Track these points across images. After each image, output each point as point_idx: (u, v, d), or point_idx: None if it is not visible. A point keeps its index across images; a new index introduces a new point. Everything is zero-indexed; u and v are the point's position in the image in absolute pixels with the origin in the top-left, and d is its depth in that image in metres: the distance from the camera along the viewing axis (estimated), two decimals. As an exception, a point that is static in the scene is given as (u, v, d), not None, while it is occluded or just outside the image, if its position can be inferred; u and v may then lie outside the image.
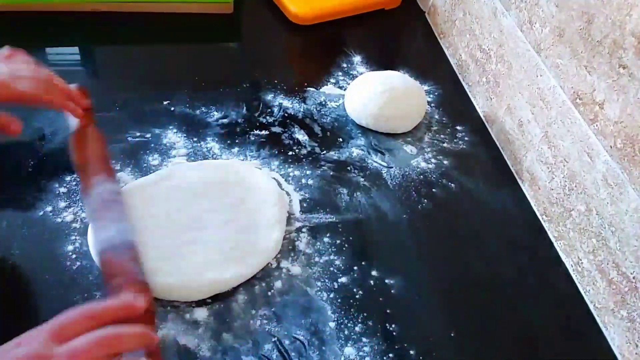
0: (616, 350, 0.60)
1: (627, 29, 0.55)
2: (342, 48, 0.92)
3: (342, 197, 0.69)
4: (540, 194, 0.72)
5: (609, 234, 0.60)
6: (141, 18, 0.89)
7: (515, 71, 0.76)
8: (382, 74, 0.81)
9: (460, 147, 0.78)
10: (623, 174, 0.58)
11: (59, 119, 0.71)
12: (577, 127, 0.64)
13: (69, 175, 0.65)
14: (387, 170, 0.74)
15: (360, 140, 0.77)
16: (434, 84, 0.88)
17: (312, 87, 0.84)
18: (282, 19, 0.95)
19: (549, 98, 0.69)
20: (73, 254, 0.58)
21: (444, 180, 0.73)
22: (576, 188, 0.65)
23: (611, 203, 0.60)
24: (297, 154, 0.73)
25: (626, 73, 0.56)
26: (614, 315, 0.61)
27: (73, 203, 0.62)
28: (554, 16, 0.67)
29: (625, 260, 0.58)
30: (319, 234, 0.65)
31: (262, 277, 0.60)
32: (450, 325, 0.59)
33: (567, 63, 0.65)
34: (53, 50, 0.84)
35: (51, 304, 0.54)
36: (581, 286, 0.66)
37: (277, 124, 0.77)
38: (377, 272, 0.62)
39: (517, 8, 0.74)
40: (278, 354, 0.54)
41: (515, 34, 0.75)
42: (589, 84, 0.62)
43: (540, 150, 0.71)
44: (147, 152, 0.70)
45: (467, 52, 0.89)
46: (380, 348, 0.56)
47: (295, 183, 0.70)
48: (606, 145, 0.60)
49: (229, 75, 0.84)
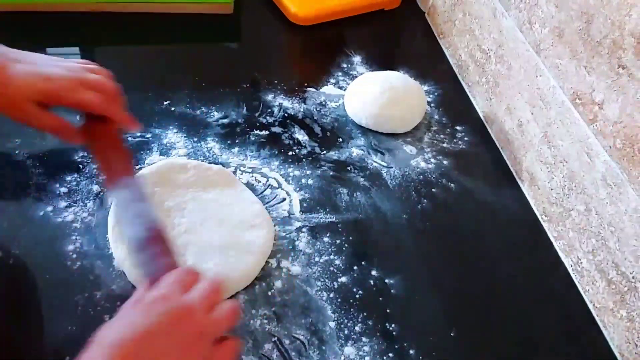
0: (615, 350, 0.61)
1: (627, 29, 0.55)
2: (342, 48, 0.92)
3: (342, 197, 0.69)
4: (539, 194, 0.72)
5: (609, 233, 0.60)
6: (141, 18, 0.89)
7: (515, 71, 0.76)
8: (382, 74, 0.81)
9: (460, 147, 0.79)
10: (622, 174, 0.58)
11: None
12: (577, 127, 0.64)
13: (69, 175, 0.65)
14: (387, 170, 0.74)
15: (360, 140, 0.77)
16: (433, 84, 0.88)
17: (312, 87, 0.84)
18: (282, 19, 0.95)
19: (549, 98, 0.69)
20: (73, 254, 0.58)
21: (443, 180, 0.73)
22: (575, 188, 0.65)
23: (610, 203, 0.60)
24: (297, 154, 0.73)
25: (625, 73, 0.56)
26: (613, 315, 0.61)
27: (73, 203, 0.63)
28: (553, 16, 0.67)
29: (625, 260, 0.58)
30: (319, 234, 0.65)
31: (262, 276, 0.60)
32: (450, 325, 0.59)
33: (567, 63, 0.65)
34: (53, 50, 0.84)
35: (51, 304, 0.54)
36: (580, 286, 0.66)
37: (277, 124, 0.77)
38: (377, 272, 0.62)
39: (517, 8, 0.75)
40: (278, 353, 0.54)
41: (514, 34, 0.75)
42: (589, 84, 0.62)
43: (539, 151, 0.71)
44: (147, 152, 0.70)
45: (466, 52, 0.89)
46: (380, 348, 0.56)
47: (295, 183, 0.70)
48: (605, 146, 0.60)
49: (229, 75, 0.84)
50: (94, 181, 0.65)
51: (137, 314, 0.41)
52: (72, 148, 0.68)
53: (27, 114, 0.54)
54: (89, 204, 0.63)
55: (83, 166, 0.66)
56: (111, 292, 0.56)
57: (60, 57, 0.59)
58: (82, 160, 0.67)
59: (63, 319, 0.53)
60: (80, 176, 0.65)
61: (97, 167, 0.63)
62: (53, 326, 0.53)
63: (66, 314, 0.54)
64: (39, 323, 0.54)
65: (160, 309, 0.41)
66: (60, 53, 0.85)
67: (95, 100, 0.56)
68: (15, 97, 0.53)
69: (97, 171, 0.63)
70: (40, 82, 0.54)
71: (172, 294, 0.43)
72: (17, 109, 0.54)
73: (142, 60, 0.85)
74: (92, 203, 0.63)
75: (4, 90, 0.53)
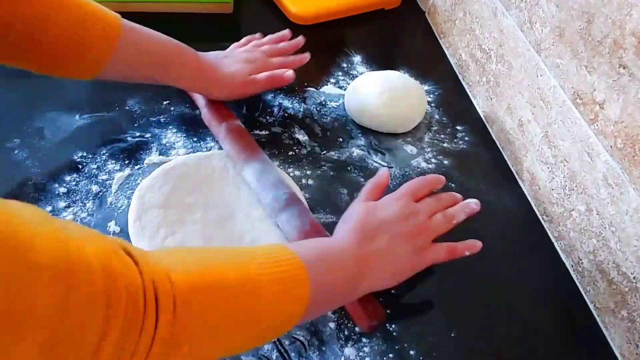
0: (616, 350, 0.60)
1: (628, 29, 0.55)
2: (342, 48, 0.91)
3: (342, 197, 0.69)
4: (540, 193, 0.72)
5: (610, 234, 0.60)
6: (141, 18, 0.89)
7: (516, 71, 0.76)
8: (382, 74, 0.80)
9: (461, 147, 0.78)
10: (623, 174, 0.58)
11: (59, 118, 0.71)
12: (578, 127, 0.64)
13: (69, 175, 0.65)
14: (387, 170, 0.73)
15: (360, 140, 0.77)
16: (434, 84, 0.88)
17: (312, 87, 0.84)
18: (282, 19, 0.95)
19: (549, 98, 0.69)
20: (73, 254, 0.58)
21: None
22: (576, 188, 0.65)
23: (611, 203, 0.60)
24: (297, 154, 0.73)
25: (626, 73, 0.56)
26: (614, 315, 0.60)
27: (73, 203, 0.62)
28: (554, 16, 0.67)
29: (626, 260, 0.58)
30: (319, 234, 0.64)
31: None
32: (450, 325, 0.59)
33: (567, 63, 0.65)
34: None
35: (51, 304, 0.54)
36: (581, 286, 0.66)
37: (277, 124, 0.77)
38: (377, 272, 0.62)
39: (518, 8, 0.74)
40: (278, 354, 0.54)
41: (515, 33, 0.75)
42: (589, 84, 0.61)
43: (540, 150, 0.71)
44: (146, 152, 0.69)
45: (467, 52, 0.89)
46: (381, 348, 0.56)
47: (295, 183, 0.69)
48: (606, 145, 0.60)
49: (229, 75, 0.84)
50: (93, 181, 0.65)
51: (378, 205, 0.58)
52: (72, 148, 0.68)
53: (246, 90, 0.74)
54: (88, 204, 0.63)
55: (82, 166, 0.66)
56: (110, 292, 0.56)
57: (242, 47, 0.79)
58: (82, 161, 0.67)
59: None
60: (80, 176, 0.65)
61: (227, 142, 0.69)
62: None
63: (65, 314, 0.53)
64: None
65: (399, 203, 0.57)
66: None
67: (266, 86, 0.76)
68: (235, 86, 0.73)
69: (228, 146, 0.69)
70: (244, 67, 0.74)
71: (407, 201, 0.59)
72: (239, 92, 0.74)
73: (142, 60, 0.85)
74: (92, 203, 0.63)
75: (225, 84, 0.72)
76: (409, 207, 0.57)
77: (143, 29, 0.64)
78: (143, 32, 0.64)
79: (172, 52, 0.67)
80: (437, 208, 0.59)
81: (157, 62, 0.66)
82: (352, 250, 0.52)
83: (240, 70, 0.73)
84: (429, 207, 0.59)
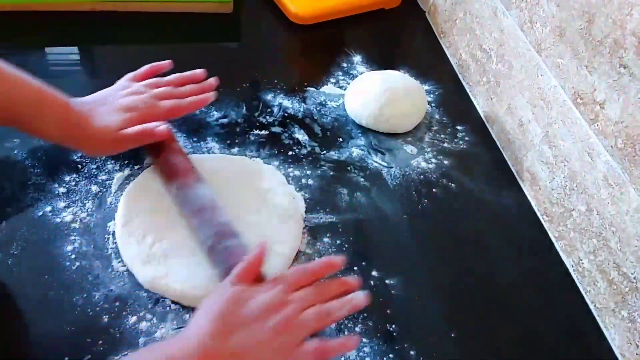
0: (617, 350, 0.60)
1: (628, 29, 0.55)
2: (342, 48, 0.91)
3: (342, 197, 0.69)
4: (540, 194, 0.72)
5: (610, 234, 0.60)
6: (141, 18, 0.89)
7: (516, 71, 0.76)
8: (382, 74, 0.80)
9: (461, 147, 0.78)
10: (624, 174, 0.57)
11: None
12: (578, 127, 0.64)
13: (69, 175, 0.65)
14: (387, 170, 0.73)
15: (360, 140, 0.77)
16: (434, 84, 0.88)
17: (312, 87, 0.83)
18: (282, 19, 0.95)
19: (550, 98, 0.69)
20: (72, 254, 0.58)
21: (444, 180, 0.73)
22: (577, 188, 0.65)
23: (612, 203, 0.59)
24: (297, 154, 0.73)
25: (627, 73, 0.56)
26: (614, 315, 0.60)
27: (72, 203, 0.62)
28: (554, 16, 0.67)
29: (626, 260, 0.58)
30: (319, 234, 0.64)
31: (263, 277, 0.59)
32: (450, 325, 0.59)
33: (568, 63, 0.65)
34: (52, 50, 0.84)
35: (51, 304, 0.54)
36: (582, 286, 0.65)
37: (277, 124, 0.77)
38: (377, 272, 0.62)
39: (518, 8, 0.74)
40: (278, 354, 0.54)
41: (515, 33, 0.75)
42: (590, 84, 0.61)
43: (540, 150, 0.71)
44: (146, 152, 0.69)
45: (467, 51, 0.89)
46: (381, 349, 0.56)
47: (295, 183, 0.69)
48: (607, 145, 0.60)
49: (229, 75, 0.83)
50: (92, 181, 0.65)
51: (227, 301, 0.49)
52: (71, 148, 0.68)
53: (116, 148, 0.63)
54: (88, 204, 0.63)
55: (82, 166, 0.66)
56: (110, 292, 0.56)
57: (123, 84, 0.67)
58: (81, 161, 0.67)
59: (62, 320, 0.53)
60: (79, 176, 0.65)
61: (160, 169, 0.64)
62: (52, 326, 0.53)
63: (65, 314, 0.53)
64: (37, 323, 0.53)
65: (270, 294, 0.50)
66: (59, 52, 0.84)
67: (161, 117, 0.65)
68: (105, 144, 0.62)
69: (160, 173, 0.64)
70: (118, 118, 0.62)
71: (281, 296, 0.50)
72: (109, 149, 0.64)
73: (142, 59, 0.84)
74: (91, 203, 0.63)
75: (97, 140, 0.61)
76: (279, 299, 0.49)
77: (8, 70, 0.57)
78: (5, 73, 0.57)
79: (36, 97, 0.58)
80: (314, 301, 0.50)
81: (14, 107, 0.57)
82: (202, 349, 0.45)
83: (113, 123, 0.61)
84: (304, 299, 0.50)
